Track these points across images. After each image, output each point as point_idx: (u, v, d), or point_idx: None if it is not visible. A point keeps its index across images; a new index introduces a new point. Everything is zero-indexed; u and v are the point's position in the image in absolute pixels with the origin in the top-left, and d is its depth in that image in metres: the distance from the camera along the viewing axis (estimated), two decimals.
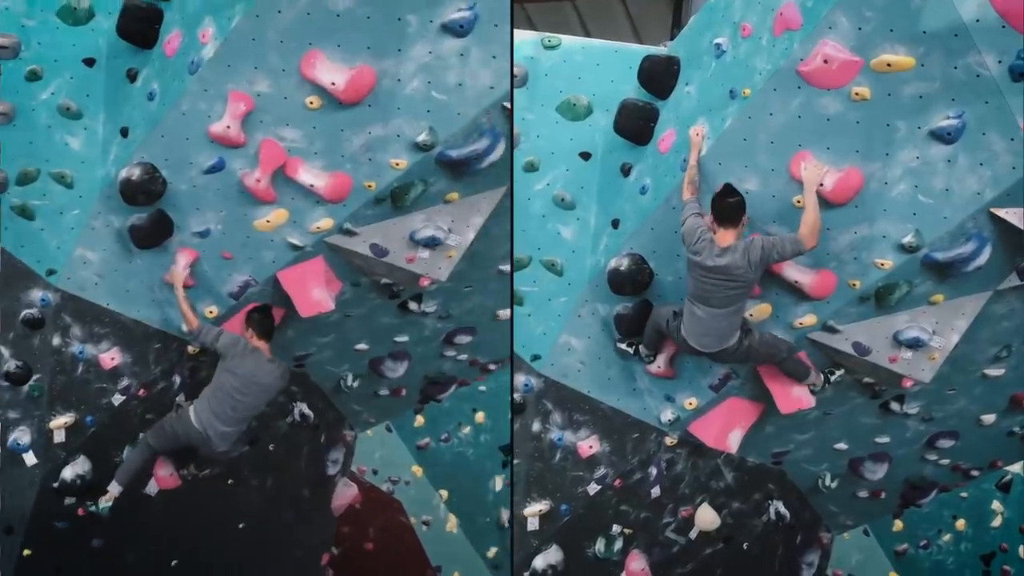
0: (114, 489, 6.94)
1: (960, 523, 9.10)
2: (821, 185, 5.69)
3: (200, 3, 6.04)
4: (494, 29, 5.65)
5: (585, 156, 6.93)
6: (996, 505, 9.05)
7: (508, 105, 5.96)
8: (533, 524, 7.33)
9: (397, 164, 6.08)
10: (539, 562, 7.37)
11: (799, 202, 5.80)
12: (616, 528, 7.53)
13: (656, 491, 7.52)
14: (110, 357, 7.04)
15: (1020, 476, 8.96)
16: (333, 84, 5.77)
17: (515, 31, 6.64)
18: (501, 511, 9.09)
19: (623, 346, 7.03)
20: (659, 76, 6.57)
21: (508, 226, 6.69)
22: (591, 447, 7.34)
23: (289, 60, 5.77)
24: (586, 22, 16.83)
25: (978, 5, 4.96)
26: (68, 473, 7.09)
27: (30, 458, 7.01)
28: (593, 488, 7.39)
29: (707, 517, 7.64)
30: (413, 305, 7.23)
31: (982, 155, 5.42)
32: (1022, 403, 7.15)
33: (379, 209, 6.35)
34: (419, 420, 9.05)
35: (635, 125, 6.65)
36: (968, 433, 7.40)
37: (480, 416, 8.93)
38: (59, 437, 7.05)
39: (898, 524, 9.04)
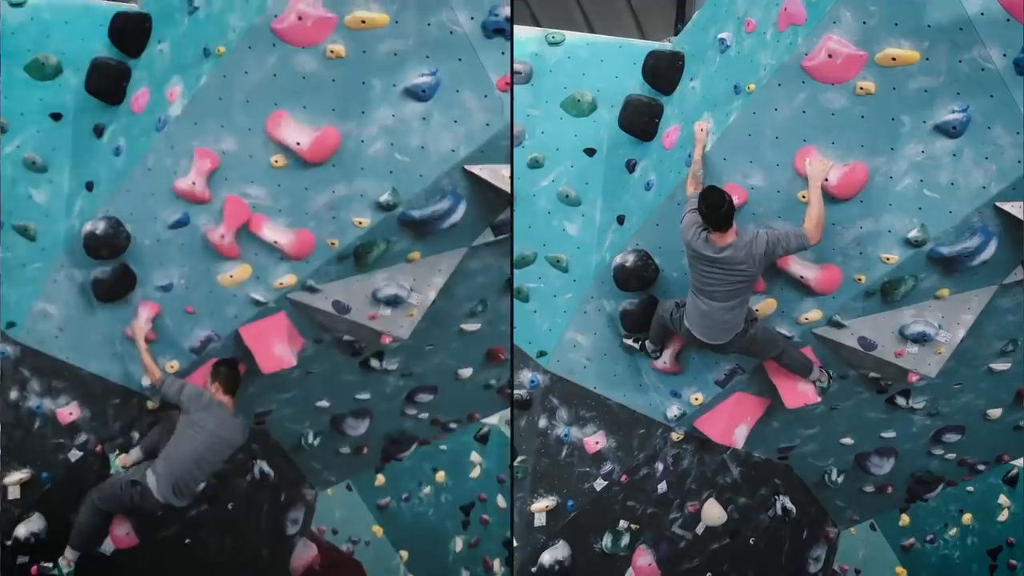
0: (70, 555, 6.84)
1: (967, 517, 9.15)
2: (826, 180, 5.72)
3: (169, 62, 6.15)
4: (455, 94, 5.74)
5: (590, 152, 6.98)
6: (1003, 499, 9.10)
7: (476, 170, 5.98)
8: (540, 520, 7.31)
9: (360, 223, 6.13)
10: (546, 558, 7.33)
11: (804, 197, 5.83)
12: (623, 523, 7.49)
13: (663, 486, 7.49)
14: (68, 412, 6.97)
15: None
16: (298, 144, 5.85)
17: (519, 27, 6.63)
18: (462, 572, 9.01)
19: (629, 342, 7.03)
20: (664, 72, 6.62)
21: (480, 285, 6.74)
22: (597, 443, 7.34)
23: (255, 119, 5.85)
24: (590, 18, 16.87)
25: None
26: (22, 531, 6.97)
27: None
28: (600, 484, 7.38)
29: (713, 512, 7.63)
30: (375, 363, 7.23)
31: (987, 149, 5.44)
32: None
33: (342, 267, 6.39)
34: (380, 479, 8.99)
35: (640, 121, 6.69)
36: (974, 427, 7.39)
37: (441, 475, 8.89)
38: (13, 493, 6.93)
39: (904, 518, 9.07)
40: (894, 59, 5.33)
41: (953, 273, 6.01)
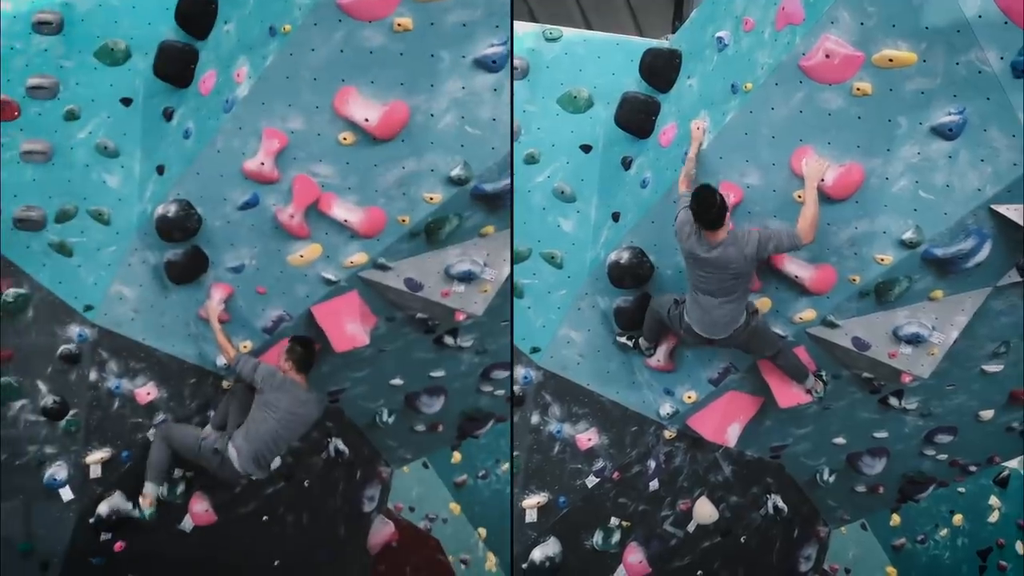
0: (150, 491, 6.89)
1: (957, 518, 9.16)
2: (822, 180, 5.69)
3: (235, 43, 6.11)
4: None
5: (586, 149, 6.94)
6: (993, 500, 9.09)
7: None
8: (531, 516, 7.32)
9: (431, 199, 6.06)
10: (537, 554, 7.36)
11: (800, 197, 5.82)
12: (614, 520, 7.50)
13: (654, 484, 7.50)
14: (146, 392, 7.06)
15: (1017, 472, 9.00)
16: (366, 120, 5.78)
17: (517, 23, 6.60)
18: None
19: (623, 339, 7.02)
20: (661, 69, 6.59)
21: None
22: (590, 440, 7.34)
23: (323, 97, 5.80)
24: (587, 14, 16.87)
25: (981, 1, 4.94)
26: (104, 508, 7.10)
27: (66, 493, 7.03)
28: (591, 480, 7.37)
29: (705, 510, 7.63)
30: (449, 340, 7.19)
31: (983, 151, 5.39)
32: (1020, 399, 7.11)
33: (413, 244, 6.33)
34: (456, 456, 8.97)
35: (636, 118, 6.67)
36: (966, 428, 7.36)
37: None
38: (95, 472, 7.06)
39: (895, 518, 9.08)
40: (891, 60, 5.28)
41: (947, 275, 5.97)
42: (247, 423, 6.67)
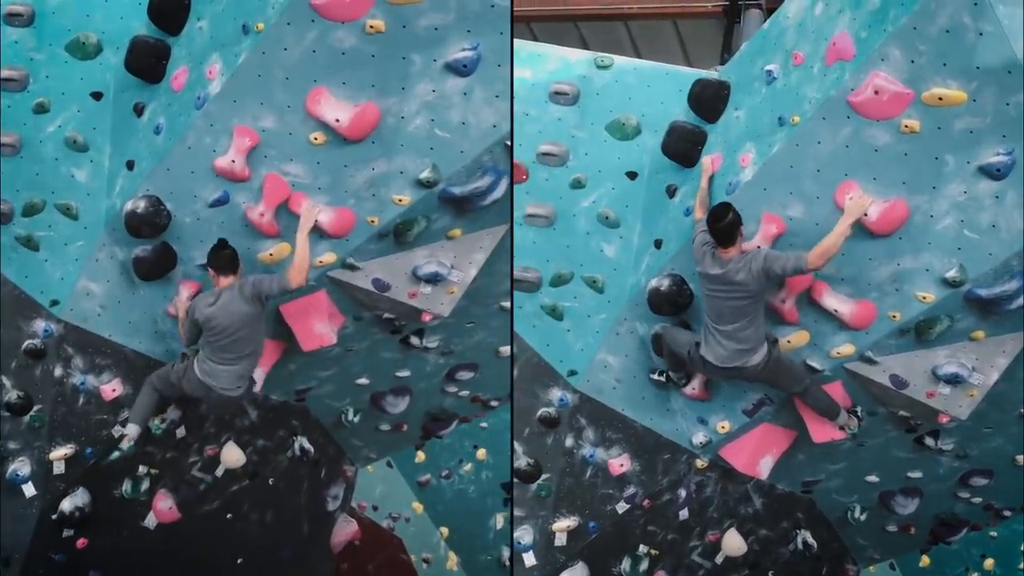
0: (132, 430, 6.81)
1: (988, 562, 8.86)
2: (865, 215, 5.70)
3: (207, 39, 6.12)
4: (497, 69, 5.69)
5: (632, 175, 7.00)
6: None
7: (508, 144, 5.98)
8: (561, 540, 7.33)
9: (400, 200, 6.10)
10: None
11: None
12: (643, 548, 7.50)
13: (684, 513, 7.49)
14: (111, 388, 7.03)
15: None
16: (337, 120, 5.81)
17: (570, 50, 6.93)
18: (502, 549, 8.99)
19: (656, 376, 7.08)
20: (709, 100, 6.65)
21: (509, 261, 6.73)
22: (622, 465, 7.34)
23: (294, 97, 5.82)
24: (637, 43, 16.94)
25: None
26: (67, 505, 7.06)
27: (29, 489, 6.98)
28: (622, 507, 7.39)
29: (734, 543, 7.61)
30: (415, 340, 7.22)
31: None
32: None
33: (382, 244, 6.37)
34: (420, 456, 8.99)
35: (683, 147, 6.72)
36: (1003, 472, 7.30)
37: (481, 453, 8.87)
38: (59, 468, 7.02)
39: (925, 560, 8.82)
40: (941, 99, 5.29)
41: (989, 315, 5.97)
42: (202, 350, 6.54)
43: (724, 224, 5.99)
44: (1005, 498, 7.67)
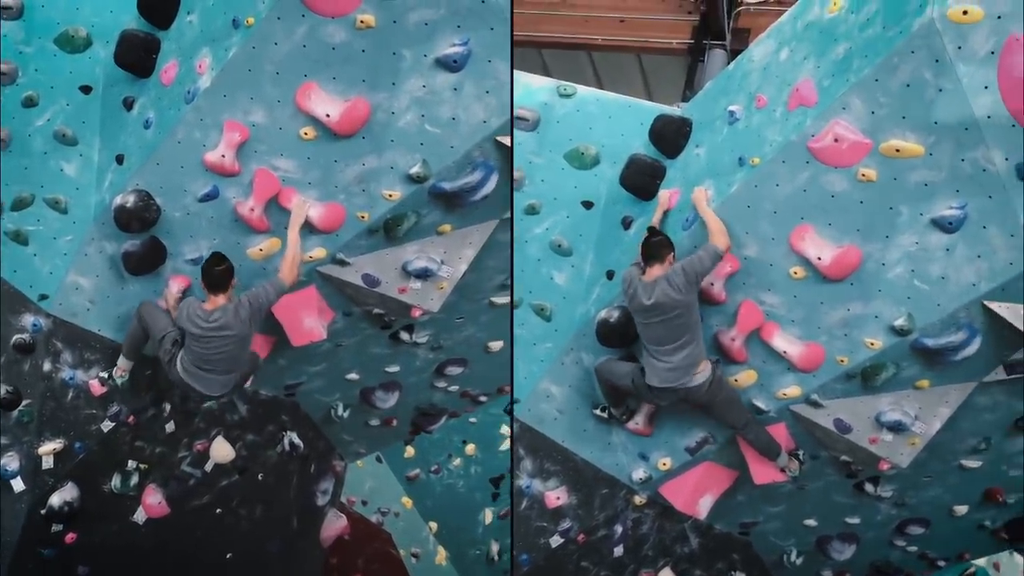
0: (123, 364, 6.81)
1: None
2: (819, 259, 5.77)
3: (197, 33, 6.11)
4: (487, 64, 5.69)
5: (587, 205, 7.01)
6: None
7: (507, 141, 5.97)
8: (48, 462, 7.02)
9: (390, 195, 6.10)
10: None
11: (796, 273, 5.93)
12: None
13: (619, 550, 7.37)
14: (100, 383, 7.02)
15: (984, 571, 8.90)
16: (328, 116, 5.81)
17: (532, 76, 6.89)
18: (491, 544, 9.05)
19: (597, 411, 7.06)
20: (670, 135, 6.69)
21: (508, 257, 6.73)
22: (558, 498, 7.24)
23: (285, 91, 5.81)
24: (600, 73, 16.96)
25: (992, 102, 5.01)
26: (56, 500, 7.03)
27: (18, 484, 6.96)
28: (556, 540, 7.26)
29: None
30: (405, 335, 7.23)
31: (981, 248, 5.43)
32: (995, 497, 7.00)
33: (372, 240, 6.37)
34: (409, 451, 9.03)
35: (641, 180, 6.74)
36: (939, 522, 7.27)
37: (471, 448, 8.93)
38: (47, 463, 7.00)
39: None
40: (898, 151, 5.35)
41: (935, 365, 5.99)
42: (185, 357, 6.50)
43: (656, 240, 6.11)
44: (940, 548, 7.65)
